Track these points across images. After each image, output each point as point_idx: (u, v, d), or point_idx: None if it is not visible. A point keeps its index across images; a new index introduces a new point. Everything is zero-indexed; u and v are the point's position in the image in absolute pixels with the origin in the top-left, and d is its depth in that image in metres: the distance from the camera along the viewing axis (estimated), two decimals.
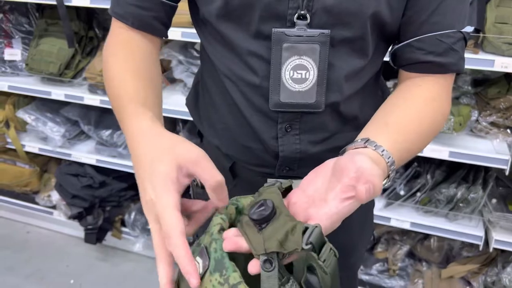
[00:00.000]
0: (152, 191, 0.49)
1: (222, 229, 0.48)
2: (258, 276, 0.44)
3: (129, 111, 0.59)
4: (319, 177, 0.52)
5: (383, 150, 0.54)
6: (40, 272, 1.99)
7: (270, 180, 0.55)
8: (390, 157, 0.54)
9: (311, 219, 0.49)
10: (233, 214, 0.51)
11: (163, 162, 0.49)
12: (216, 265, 0.45)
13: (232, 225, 0.51)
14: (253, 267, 0.45)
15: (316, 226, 0.45)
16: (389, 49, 0.70)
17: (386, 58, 0.72)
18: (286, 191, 0.53)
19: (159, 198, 0.48)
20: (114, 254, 2.12)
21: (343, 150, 0.58)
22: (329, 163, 0.53)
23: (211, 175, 0.49)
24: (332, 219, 0.48)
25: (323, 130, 0.69)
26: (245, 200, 0.53)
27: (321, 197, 0.50)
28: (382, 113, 0.63)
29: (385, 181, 0.56)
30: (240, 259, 0.48)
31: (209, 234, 0.48)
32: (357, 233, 0.85)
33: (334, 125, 0.70)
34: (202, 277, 0.45)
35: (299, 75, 0.63)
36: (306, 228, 0.45)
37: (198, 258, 0.47)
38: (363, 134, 0.59)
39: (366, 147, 0.55)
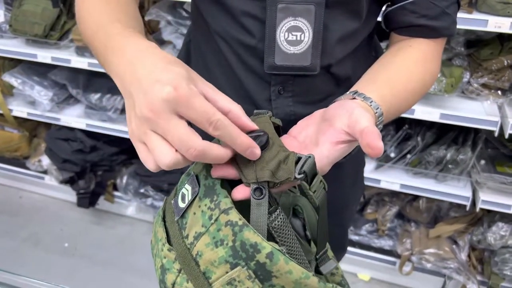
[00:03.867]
0: (166, 84, 0.40)
1: None
2: (245, 205, 0.44)
3: (125, 32, 0.50)
4: (309, 125, 0.53)
5: (371, 101, 0.54)
6: (35, 236, 2.01)
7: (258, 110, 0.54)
8: (378, 108, 0.54)
9: None
10: None
11: (177, 65, 0.43)
12: (206, 191, 0.44)
13: None
14: (239, 192, 0.44)
15: (310, 156, 0.44)
16: (382, 11, 0.69)
17: (379, 19, 0.71)
18: (275, 129, 0.52)
19: (183, 88, 0.40)
20: (108, 218, 2.14)
21: (333, 102, 0.57)
22: (318, 112, 0.54)
23: (227, 99, 0.44)
24: (322, 162, 0.48)
25: (316, 92, 0.69)
26: None
27: (312, 142, 0.50)
28: (371, 71, 0.63)
29: None
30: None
31: (200, 162, 0.47)
32: (349, 190, 0.86)
33: (327, 87, 0.69)
34: (190, 203, 0.45)
35: (294, 37, 0.61)
36: (299, 159, 0.44)
37: (187, 186, 0.46)
38: (352, 89, 0.59)
39: (354, 98, 0.55)
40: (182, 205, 0.46)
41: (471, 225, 1.70)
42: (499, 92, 1.50)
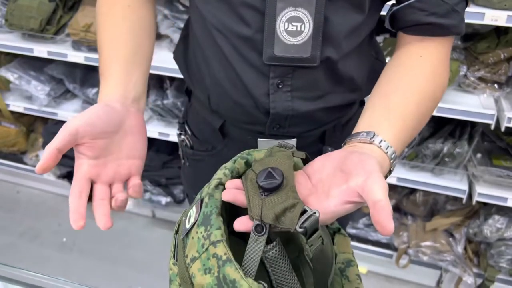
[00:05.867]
0: None
1: (220, 184, 0.48)
2: (244, 236, 0.45)
3: (108, 81, 0.65)
4: (326, 166, 0.51)
5: (387, 147, 0.54)
6: (33, 231, 2.01)
7: (284, 141, 0.54)
8: (394, 154, 0.54)
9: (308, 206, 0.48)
10: (241, 168, 0.51)
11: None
12: (203, 219, 0.45)
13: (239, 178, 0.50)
14: (240, 224, 0.45)
15: (315, 213, 0.44)
16: (388, 10, 0.68)
17: (383, 14, 0.70)
18: (302, 160, 0.53)
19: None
20: None
21: (346, 141, 0.57)
22: (338, 154, 0.51)
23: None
24: (327, 215, 0.47)
25: (315, 88, 0.68)
26: (258, 154, 0.52)
27: (324, 190, 0.49)
28: (382, 89, 0.62)
29: (386, 175, 0.55)
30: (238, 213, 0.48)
31: (208, 187, 0.48)
32: None
33: (328, 83, 0.68)
34: (191, 227, 0.46)
35: (294, 27, 0.61)
36: (305, 211, 0.44)
37: (194, 208, 0.48)
38: (366, 119, 0.58)
39: (371, 143, 0.54)
40: (187, 225, 0.47)
41: (467, 218, 1.71)
42: (496, 85, 1.50)
